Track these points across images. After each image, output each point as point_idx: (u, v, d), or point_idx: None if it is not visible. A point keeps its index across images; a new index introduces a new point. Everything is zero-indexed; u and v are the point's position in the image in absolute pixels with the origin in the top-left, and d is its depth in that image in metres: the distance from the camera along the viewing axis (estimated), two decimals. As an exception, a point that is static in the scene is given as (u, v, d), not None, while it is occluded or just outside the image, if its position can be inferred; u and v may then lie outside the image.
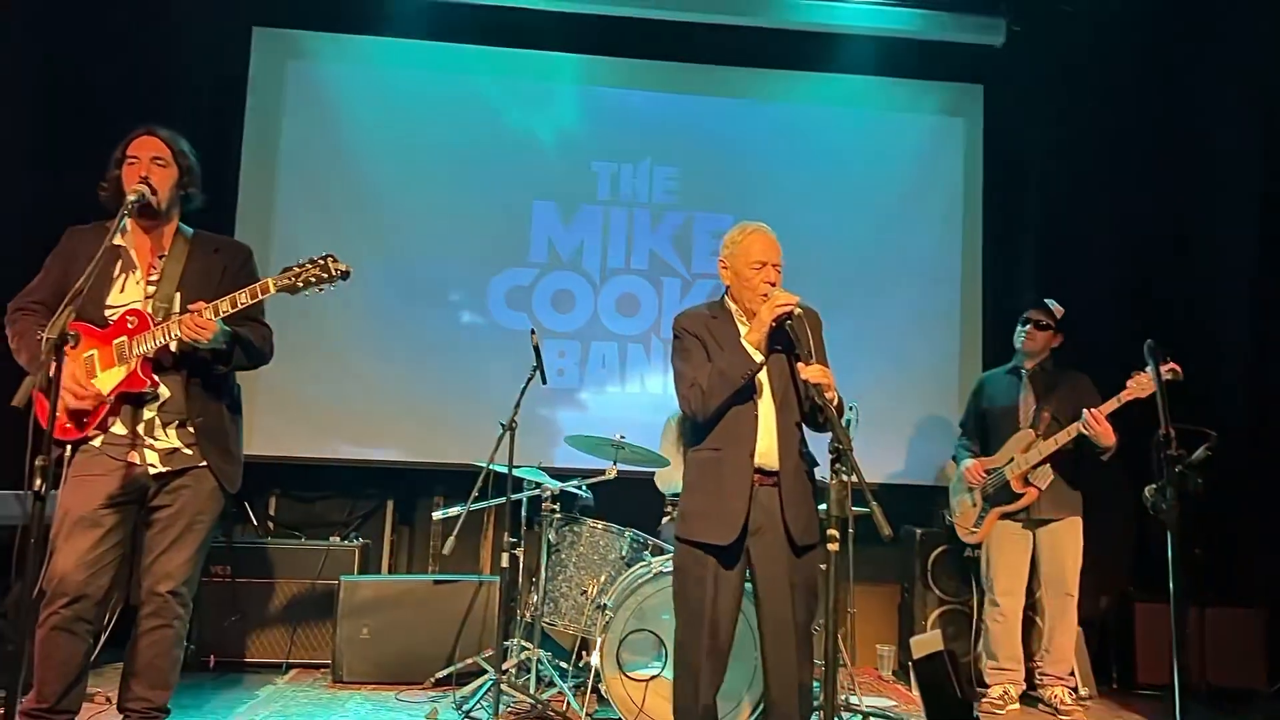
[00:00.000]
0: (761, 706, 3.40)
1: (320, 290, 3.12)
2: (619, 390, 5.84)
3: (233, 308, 3.10)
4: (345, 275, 3.12)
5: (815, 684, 4.25)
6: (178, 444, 3.18)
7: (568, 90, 5.98)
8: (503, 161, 5.86)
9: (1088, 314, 5.42)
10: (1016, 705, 4.60)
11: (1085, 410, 4.37)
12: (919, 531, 5.34)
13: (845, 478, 2.79)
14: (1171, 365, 4.03)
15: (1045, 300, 4.84)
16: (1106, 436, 4.34)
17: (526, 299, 5.82)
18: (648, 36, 6.02)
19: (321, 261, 3.11)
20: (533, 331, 4.26)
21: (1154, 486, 2.73)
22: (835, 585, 4.27)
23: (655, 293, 5.92)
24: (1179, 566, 2.73)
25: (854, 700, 4.37)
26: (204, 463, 3.20)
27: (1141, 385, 4.19)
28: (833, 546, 2.73)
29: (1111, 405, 4.32)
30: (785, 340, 3.15)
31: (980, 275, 6.11)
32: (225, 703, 4.23)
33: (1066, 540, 4.60)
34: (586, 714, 3.83)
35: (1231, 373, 5.27)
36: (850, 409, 4.42)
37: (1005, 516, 4.66)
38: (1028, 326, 4.79)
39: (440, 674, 4.52)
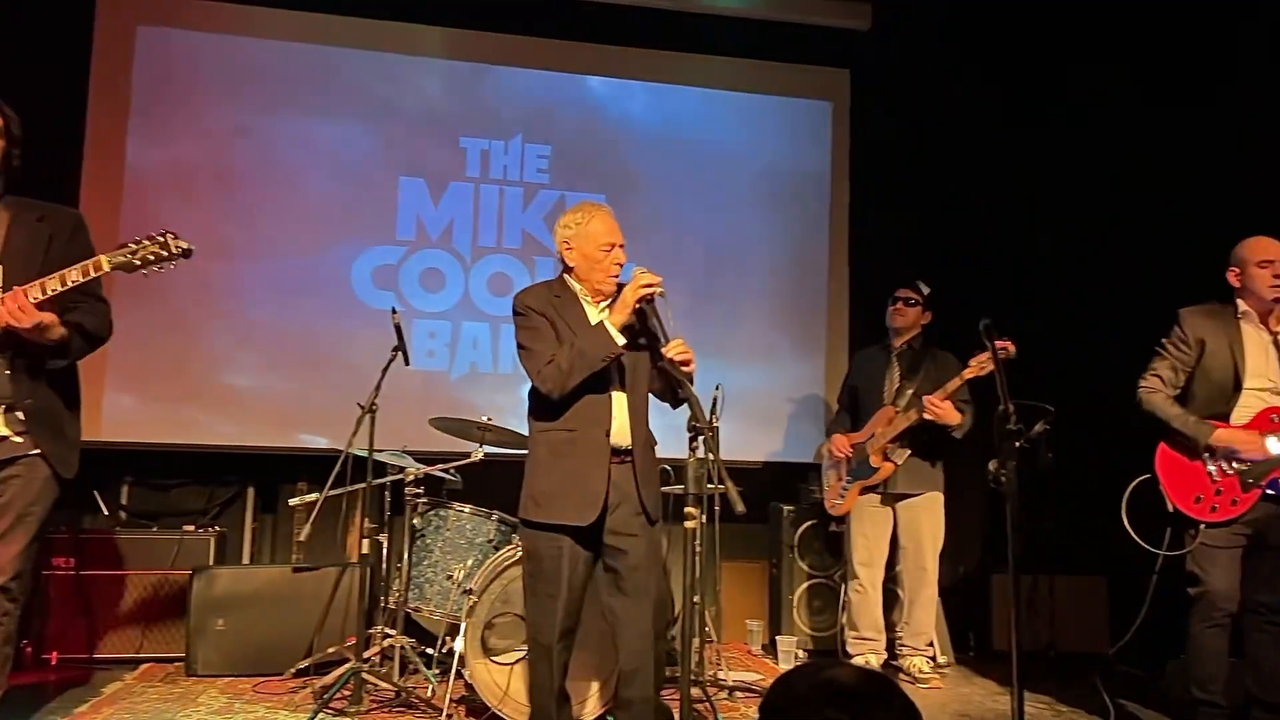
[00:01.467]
0: (615, 681, 3.39)
1: (160, 269, 2.98)
2: (492, 372, 5.76)
3: (62, 286, 2.93)
4: (186, 253, 2.99)
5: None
6: (6, 431, 3.00)
7: (435, 64, 5.84)
8: (367, 136, 5.70)
9: (952, 294, 5.59)
10: (878, 674, 4.73)
11: (923, 398, 4.51)
12: (787, 508, 5.43)
13: (703, 455, 2.80)
14: (1004, 343, 4.20)
15: (917, 281, 4.97)
16: (949, 416, 4.49)
17: (393, 278, 5.67)
18: (517, 11, 5.92)
19: (161, 239, 2.96)
20: (394, 310, 4.15)
21: (996, 461, 2.81)
22: (702, 561, 4.36)
23: (529, 272, 5.84)
24: (1018, 538, 2.82)
25: (721, 675, 4.43)
26: (36, 450, 3.03)
27: (981, 364, 4.35)
28: (690, 524, 2.74)
29: (952, 386, 4.46)
30: (640, 319, 3.14)
31: (847, 257, 6.24)
32: (68, 701, 4.02)
33: (924, 516, 4.75)
34: (451, 699, 3.77)
35: (1077, 348, 5.50)
36: (716, 389, 4.47)
37: (866, 490, 4.78)
38: (897, 304, 4.92)
39: (301, 664, 4.40)
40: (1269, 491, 3.53)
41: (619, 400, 3.16)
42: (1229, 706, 3.56)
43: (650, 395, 3.26)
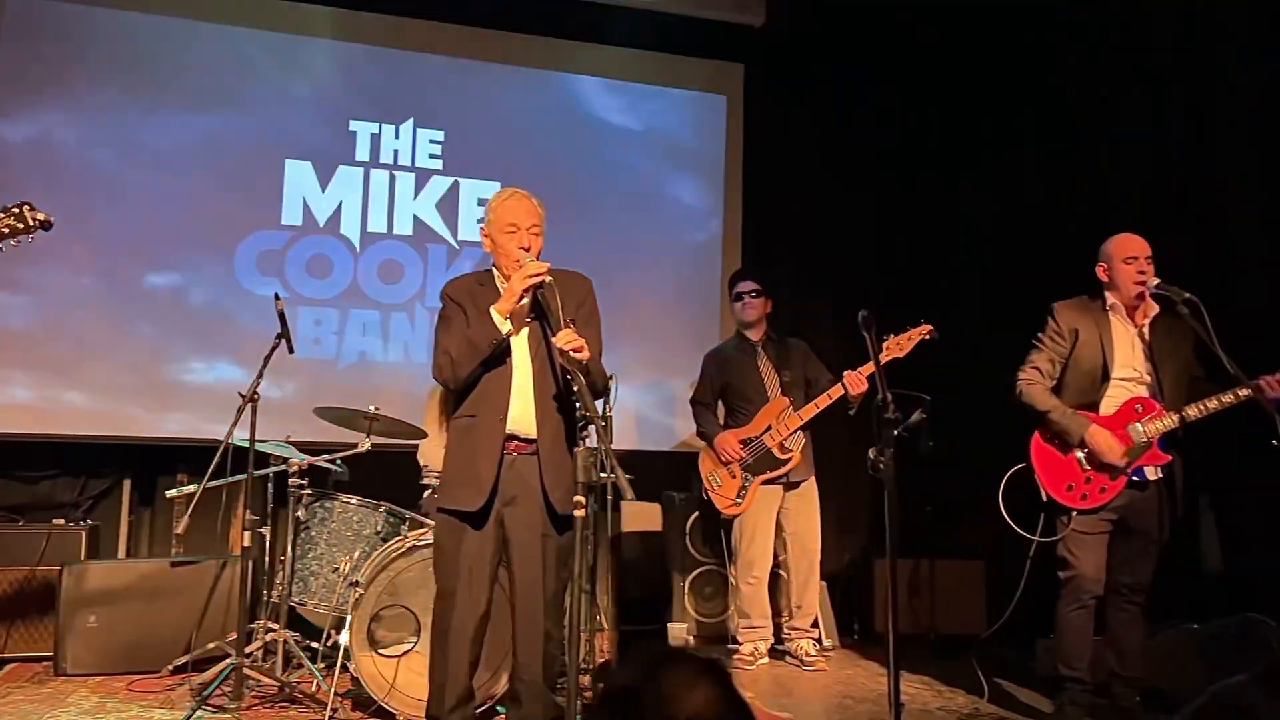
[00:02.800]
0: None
1: (16, 243, 2.84)
2: (381, 361, 5.65)
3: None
4: (45, 225, 2.85)
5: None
6: None
7: (323, 45, 5.69)
8: (252, 117, 5.51)
9: (844, 286, 5.72)
10: (765, 660, 4.83)
11: (846, 373, 4.58)
12: (679, 496, 5.47)
13: (592, 444, 2.81)
14: (926, 326, 4.44)
15: (752, 274, 5.08)
16: (860, 390, 4.58)
17: (278, 263, 5.51)
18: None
19: (16, 210, 2.82)
20: (277, 297, 4.03)
21: (875, 449, 2.88)
22: (592, 551, 4.37)
23: (420, 259, 5.75)
24: (896, 524, 2.90)
25: (613, 664, 4.45)
26: None
27: (900, 345, 4.46)
28: (578, 512, 2.73)
29: (869, 368, 4.53)
30: (536, 308, 3.14)
31: (739, 249, 6.31)
32: (-77, 706, 3.81)
33: (810, 501, 4.86)
34: (336, 693, 3.69)
35: (957, 340, 5.67)
36: (610, 378, 4.47)
37: (767, 483, 4.84)
38: (743, 298, 4.98)
39: (178, 661, 4.25)
40: (1134, 478, 3.70)
41: (521, 387, 3.14)
42: (1093, 682, 3.73)
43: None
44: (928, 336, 4.46)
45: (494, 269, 3.28)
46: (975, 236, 5.91)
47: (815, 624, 4.99)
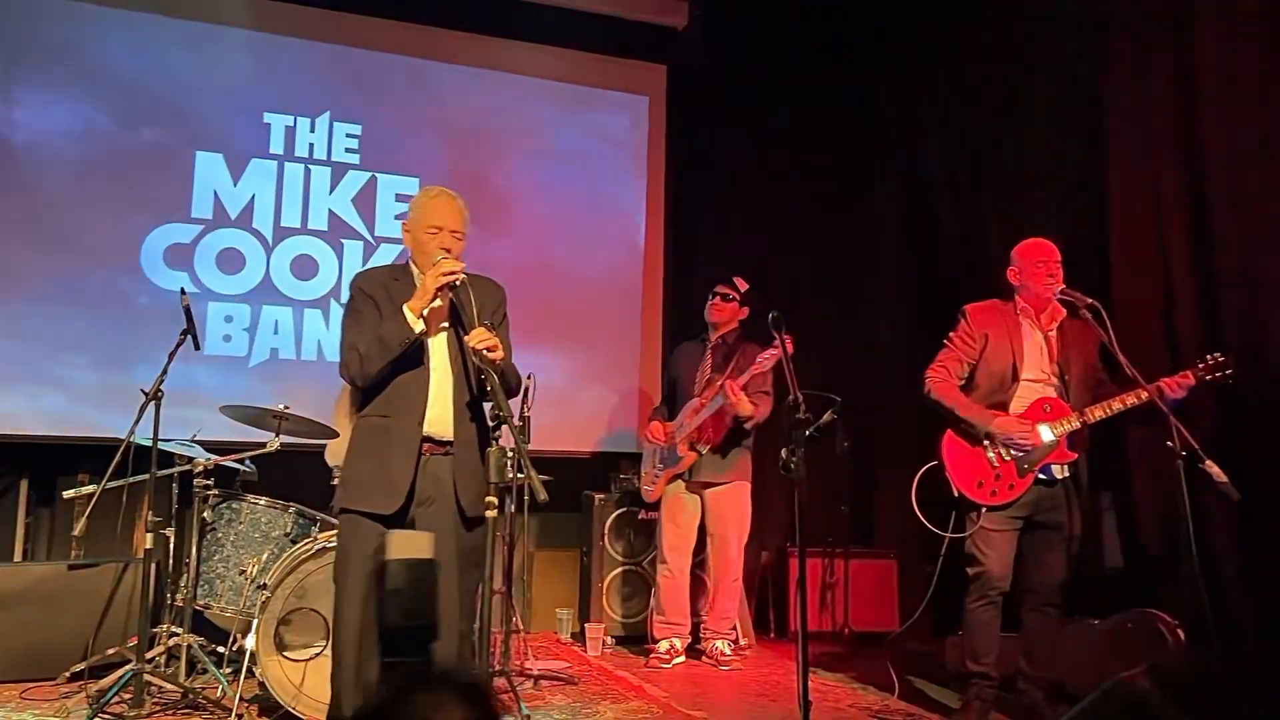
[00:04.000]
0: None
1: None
2: (294, 359, 5.52)
3: None
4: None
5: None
6: None
7: (236, 34, 5.53)
8: (160, 106, 5.35)
9: (765, 288, 5.76)
10: (682, 658, 4.84)
11: (723, 381, 4.63)
12: (599, 496, 5.46)
13: (510, 444, 2.78)
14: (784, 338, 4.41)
15: (734, 277, 5.08)
16: (741, 406, 4.61)
17: (187, 258, 5.34)
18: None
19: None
20: (183, 291, 3.91)
21: (787, 448, 2.91)
22: (510, 551, 4.34)
23: (335, 255, 5.64)
24: (805, 523, 2.92)
25: (528, 665, 4.42)
26: None
27: (770, 356, 4.50)
28: (490, 513, 2.70)
29: (745, 379, 4.59)
30: (452, 307, 3.09)
31: (663, 251, 6.33)
32: None
33: (730, 504, 4.87)
34: (241, 699, 3.60)
35: (873, 342, 5.78)
36: (528, 378, 4.43)
37: (674, 478, 4.87)
38: (714, 298, 5.02)
39: (76, 667, 4.09)
40: (1041, 476, 3.78)
41: (439, 389, 3.09)
42: (999, 677, 3.81)
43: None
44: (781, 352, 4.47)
45: (411, 264, 3.22)
46: (891, 237, 6.00)
47: (734, 625, 5.01)
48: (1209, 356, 3.61)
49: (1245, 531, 3.75)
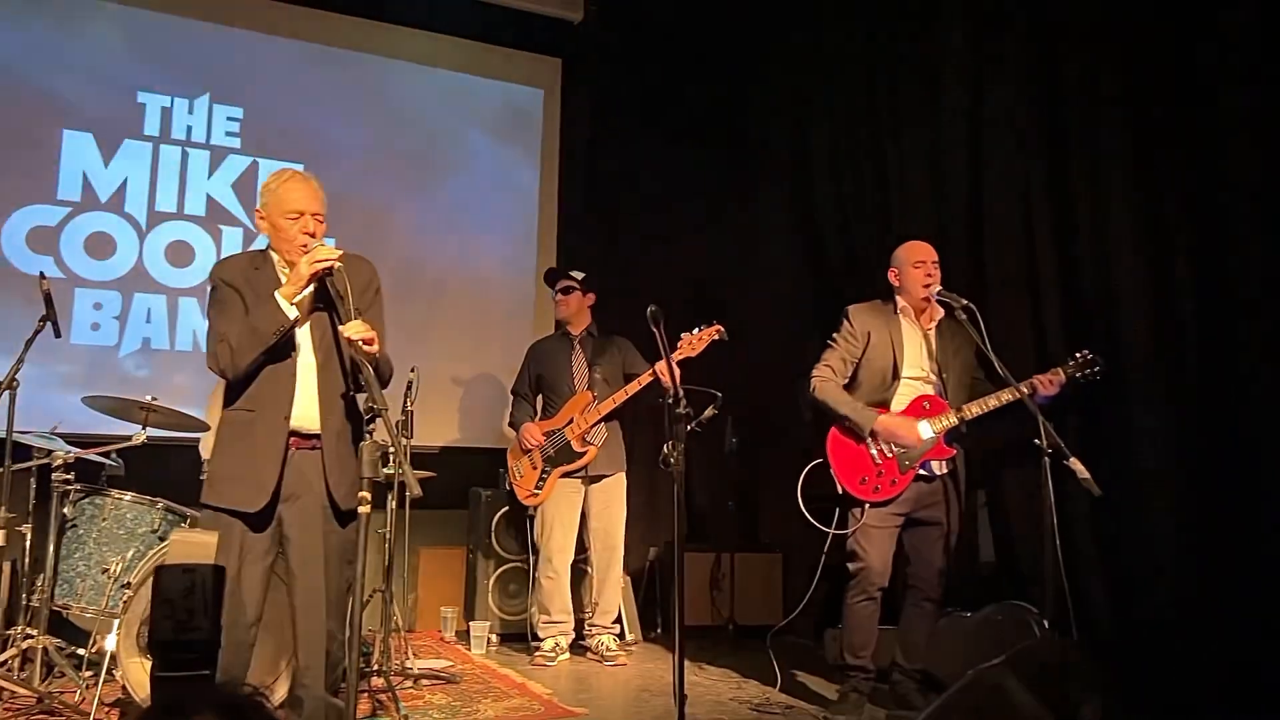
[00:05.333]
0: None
1: None
2: (167, 349, 5.31)
3: None
4: None
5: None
6: None
7: (109, 9, 5.29)
8: (24, 81, 5.07)
9: (658, 281, 5.77)
10: (567, 655, 4.82)
11: (657, 364, 4.61)
12: (485, 493, 5.39)
13: (391, 439, 2.72)
14: (717, 326, 4.44)
15: (569, 270, 5.08)
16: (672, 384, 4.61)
17: (52, 241, 5.08)
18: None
19: None
20: (42, 275, 3.72)
21: (668, 444, 2.91)
22: (391, 548, 4.24)
23: (213, 242, 5.44)
24: (683, 518, 2.93)
25: (409, 664, 4.33)
26: None
27: (692, 344, 4.51)
28: (364, 509, 2.63)
29: (677, 358, 4.57)
30: (329, 297, 2.99)
31: (555, 245, 6.29)
32: None
33: (615, 496, 4.88)
34: (101, 703, 3.44)
35: (764, 339, 5.83)
36: (411, 371, 4.35)
37: (566, 475, 4.83)
38: (557, 295, 5.01)
39: (-81, 674, 3.86)
40: (921, 472, 3.87)
41: (306, 382, 2.99)
42: (875, 670, 3.90)
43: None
44: (718, 337, 4.52)
45: (269, 251, 3.10)
46: (779, 236, 6.08)
47: (618, 619, 5.01)
48: (1077, 354, 3.76)
49: (1104, 526, 3.91)
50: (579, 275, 5.00)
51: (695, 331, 4.51)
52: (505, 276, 6.12)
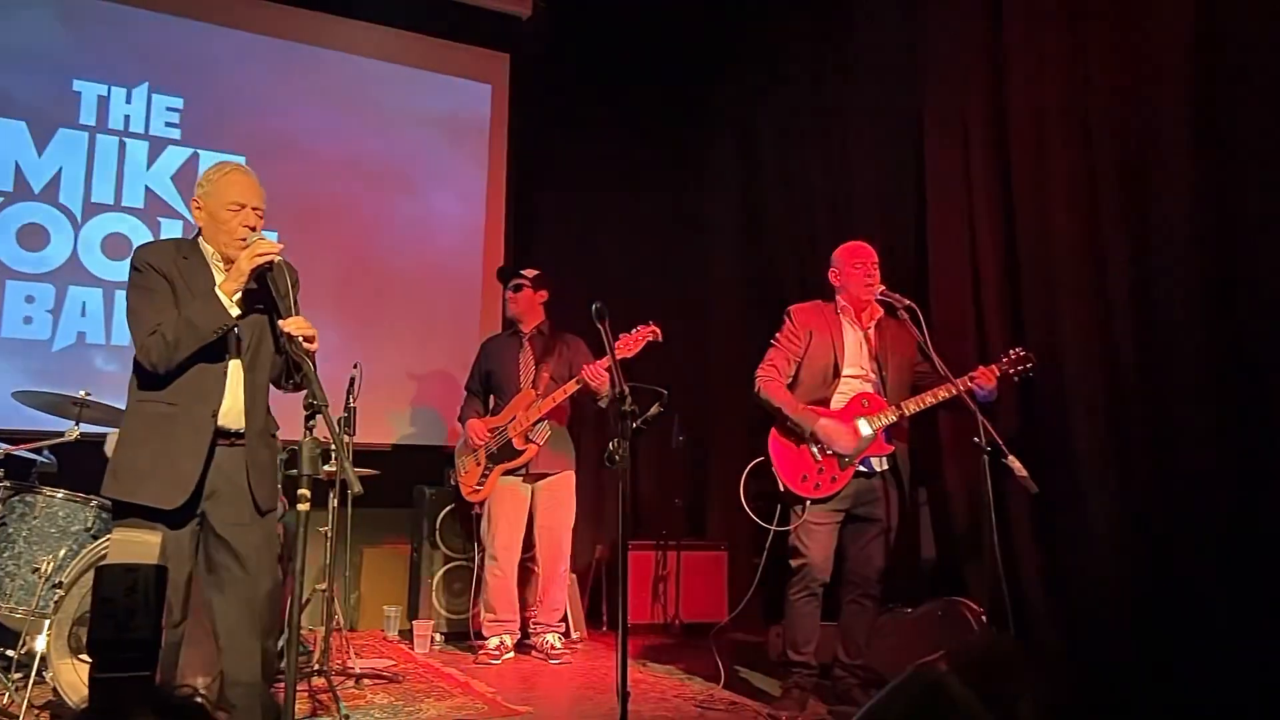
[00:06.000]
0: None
1: None
2: (104, 343, 5.19)
3: None
4: None
5: (302, 649, 4.16)
6: None
7: (43, -6, 5.16)
8: (-47, 67, 4.94)
9: (604, 278, 5.78)
10: (511, 654, 4.80)
11: (584, 366, 4.63)
12: (429, 491, 5.35)
13: (331, 436, 2.68)
14: (653, 327, 4.44)
15: (519, 269, 5.05)
16: (603, 386, 4.62)
17: (-17, 232, 4.96)
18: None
19: None
20: (-30, 268, 3.61)
21: (613, 441, 2.91)
22: (334, 546, 4.19)
23: (152, 234, 5.32)
24: (629, 514, 2.93)
25: (350, 664, 4.28)
26: None
27: (628, 345, 4.51)
28: (303, 506, 2.59)
29: (606, 360, 4.58)
30: (263, 292, 2.94)
31: (503, 240, 6.26)
32: None
33: (561, 494, 4.87)
34: (30, 705, 3.35)
35: (710, 336, 5.87)
36: (354, 367, 4.31)
37: (508, 473, 4.81)
38: (507, 293, 4.99)
39: None
40: (861, 468, 3.92)
41: (236, 377, 2.93)
42: (818, 666, 3.93)
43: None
44: (654, 338, 4.52)
45: (200, 242, 3.02)
46: (726, 236, 6.11)
47: (564, 618, 5.00)
48: (1012, 351, 3.83)
49: (1041, 522, 3.99)
50: (531, 273, 4.98)
51: (632, 332, 4.52)
52: (451, 273, 6.08)
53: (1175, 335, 3.62)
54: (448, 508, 5.27)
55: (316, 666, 4.00)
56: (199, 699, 1.38)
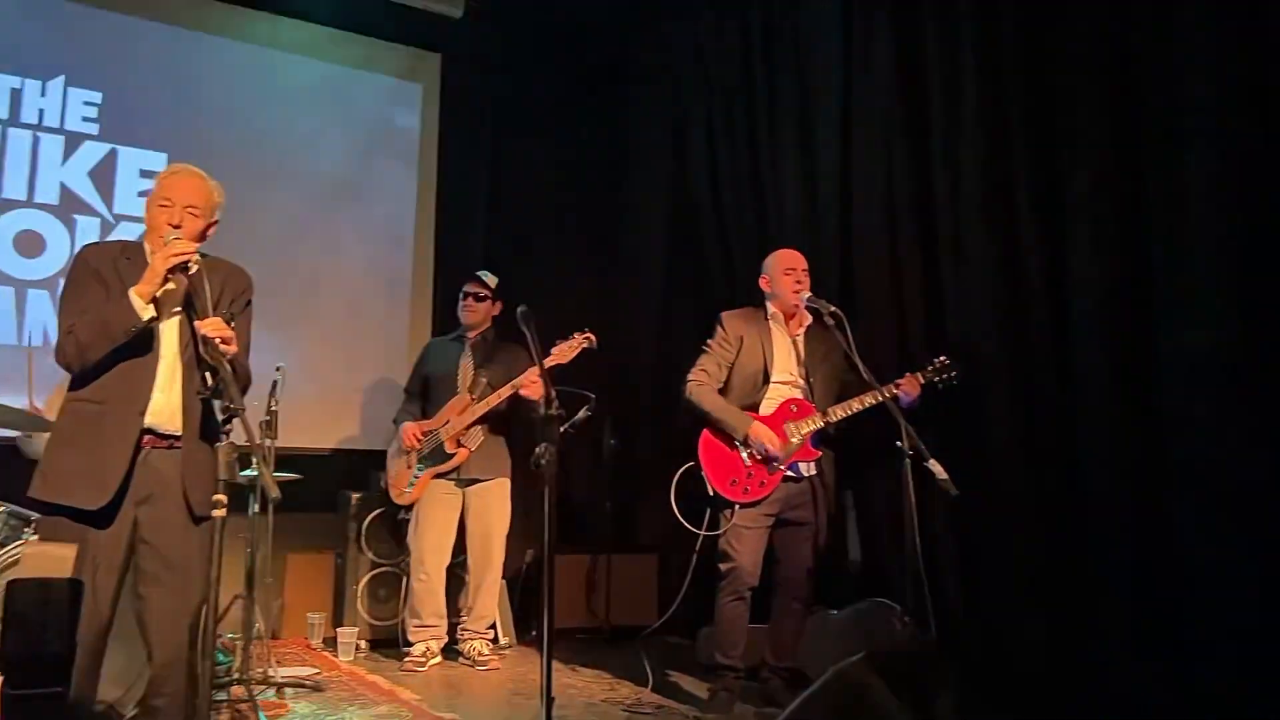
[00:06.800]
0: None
1: None
2: (14, 343, 5.02)
3: None
4: None
5: (222, 658, 4.07)
6: None
7: (-49, -19, 4.99)
8: None
9: (534, 282, 5.75)
10: (438, 659, 4.75)
11: (522, 375, 4.60)
12: (355, 496, 5.26)
13: (250, 440, 2.62)
14: (587, 334, 4.45)
15: (479, 273, 5.01)
16: (534, 391, 4.59)
17: (-111, 228, 4.77)
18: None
19: None
20: None
21: (540, 446, 2.90)
22: (254, 552, 4.11)
23: (67, 232, 5.18)
24: (554, 519, 2.93)
25: (271, 672, 4.20)
26: None
27: (563, 353, 4.49)
28: (219, 513, 2.53)
29: (536, 371, 4.57)
30: (185, 292, 2.88)
31: (433, 242, 6.20)
32: None
33: (494, 500, 4.82)
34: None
35: (640, 342, 5.88)
36: (277, 369, 4.22)
37: (438, 476, 4.76)
38: (466, 299, 4.94)
39: None
40: (789, 473, 3.95)
41: (167, 378, 2.86)
42: (745, 668, 3.96)
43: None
44: (588, 345, 4.51)
45: (144, 242, 2.98)
46: (657, 239, 6.13)
47: (493, 625, 4.95)
48: (935, 360, 3.91)
49: (960, 525, 4.07)
50: (492, 282, 4.92)
51: (569, 339, 4.50)
52: (380, 275, 6.00)
53: (1084, 342, 3.73)
54: (375, 512, 5.19)
55: (236, 675, 3.91)
56: (116, 712, 1.34)
